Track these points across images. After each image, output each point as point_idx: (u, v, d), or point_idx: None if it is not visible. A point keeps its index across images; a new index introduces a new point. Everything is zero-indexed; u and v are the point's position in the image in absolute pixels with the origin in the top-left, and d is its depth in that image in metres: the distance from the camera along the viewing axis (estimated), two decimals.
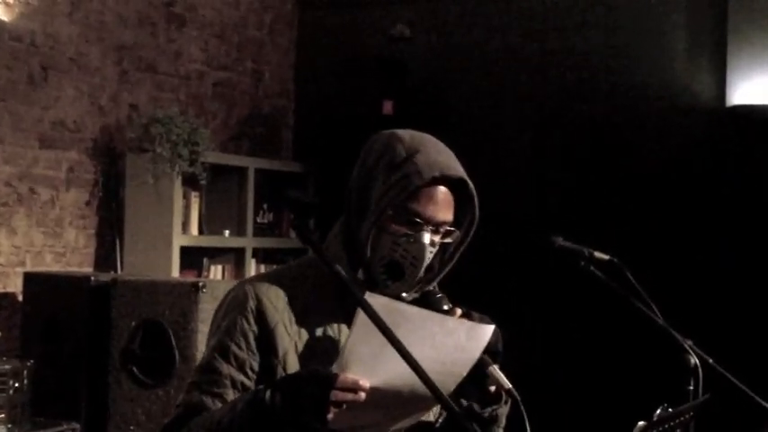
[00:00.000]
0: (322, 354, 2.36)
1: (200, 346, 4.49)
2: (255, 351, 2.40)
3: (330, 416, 2.18)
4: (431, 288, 2.50)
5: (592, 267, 3.48)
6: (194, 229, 5.86)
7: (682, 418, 2.62)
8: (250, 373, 2.40)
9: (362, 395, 2.18)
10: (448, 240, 2.47)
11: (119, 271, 5.66)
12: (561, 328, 6.03)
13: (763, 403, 3.37)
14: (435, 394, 2.04)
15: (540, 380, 5.23)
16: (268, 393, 2.23)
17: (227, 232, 6.10)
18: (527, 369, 2.47)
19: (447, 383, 2.28)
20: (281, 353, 2.39)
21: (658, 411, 2.49)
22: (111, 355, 4.71)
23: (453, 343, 2.26)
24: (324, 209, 6.93)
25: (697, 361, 3.36)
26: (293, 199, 6.66)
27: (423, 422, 2.45)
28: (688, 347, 3.38)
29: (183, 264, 5.69)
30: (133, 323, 4.66)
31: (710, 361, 3.41)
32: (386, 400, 2.24)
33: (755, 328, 5.58)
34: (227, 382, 2.39)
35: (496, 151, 6.25)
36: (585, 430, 5.68)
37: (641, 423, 2.42)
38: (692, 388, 3.33)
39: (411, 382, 2.10)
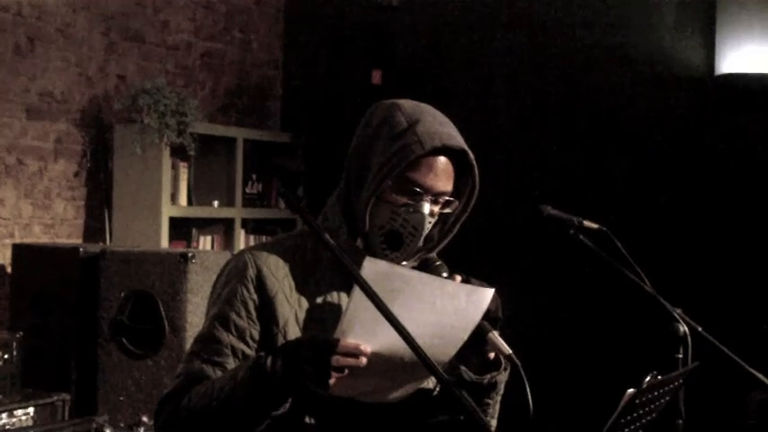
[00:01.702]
0: (323, 321, 2.37)
1: (190, 317, 4.50)
2: (256, 320, 2.41)
3: (332, 381, 2.19)
4: (430, 256, 2.50)
5: (581, 236, 3.48)
6: (183, 200, 5.86)
7: (670, 386, 2.63)
8: (250, 341, 2.40)
9: (364, 360, 2.19)
10: (447, 211, 2.47)
11: (107, 242, 5.65)
12: (551, 296, 6.04)
13: (751, 370, 3.38)
14: (425, 362, 2.04)
15: (527, 349, 5.24)
16: (269, 360, 2.24)
17: (215, 203, 6.10)
18: (516, 338, 2.47)
19: (448, 348, 2.29)
20: (281, 322, 2.40)
21: (647, 379, 2.49)
22: (100, 326, 4.71)
23: (454, 306, 2.27)
24: (312, 178, 6.96)
25: (686, 329, 3.37)
26: (280, 167, 6.70)
27: (421, 390, 2.46)
28: (677, 316, 3.39)
29: (172, 234, 5.68)
30: (122, 294, 4.66)
31: (699, 329, 3.42)
32: (387, 366, 2.25)
33: (744, 296, 5.60)
34: (228, 351, 2.40)
35: (485, 120, 6.24)
36: (576, 397, 5.70)
37: (631, 390, 2.43)
38: (681, 356, 3.35)
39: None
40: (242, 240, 6.20)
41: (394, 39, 6.51)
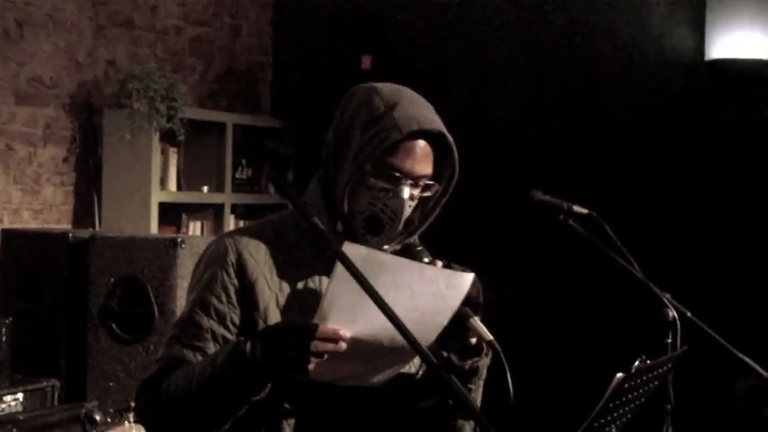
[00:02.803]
0: (303, 307, 2.36)
1: (180, 302, 4.49)
2: (236, 305, 2.40)
3: (311, 366, 2.18)
4: (411, 241, 2.50)
5: (571, 221, 3.49)
6: (173, 185, 5.85)
7: (659, 370, 2.64)
8: (231, 326, 2.40)
9: (343, 345, 2.19)
10: (427, 194, 2.47)
11: (97, 227, 5.64)
12: (540, 281, 6.04)
13: (740, 356, 3.39)
14: (413, 345, 2.04)
15: (519, 333, 5.25)
16: (248, 345, 2.23)
17: (205, 188, 6.09)
18: (506, 323, 2.48)
19: (427, 333, 2.29)
20: (261, 306, 2.39)
21: (636, 363, 2.50)
22: (89, 312, 4.69)
23: (432, 291, 2.26)
24: (301, 163, 6.94)
25: (675, 314, 3.38)
26: (270, 150, 6.68)
27: (404, 374, 2.46)
28: (666, 301, 3.40)
29: (162, 220, 5.67)
30: (112, 279, 4.65)
31: (689, 314, 3.43)
32: (367, 351, 2.25)
33: (733, 281, 5.61)
34: (208, 336, 2.39)
35: (476, 106, 6.24)
36: (565, 382, 5.71)
37: (620, 375, 2.43)
38: (670, 341, 3.36)
39: (391, 333, 2.10)
40: (231, 225, 6.19)
41: (384, 24, 6.50)
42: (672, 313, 3.37)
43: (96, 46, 5.77)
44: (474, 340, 2.37)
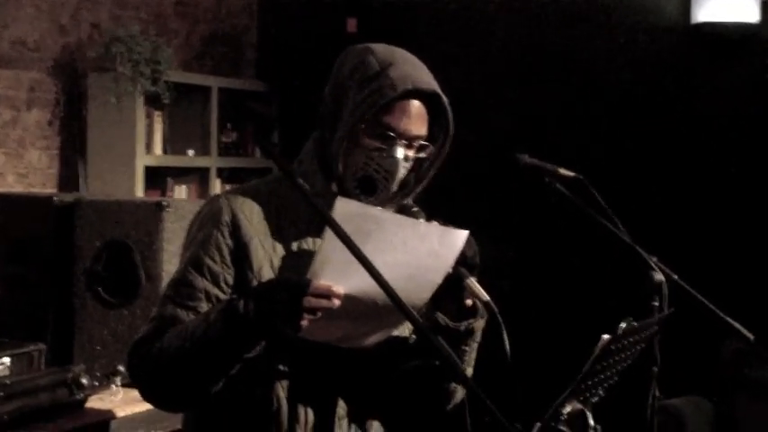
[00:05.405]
0: (298, 267, 2.34)
1: (166, 266, 4.48)
2: (230, 265, 2.40)
3: (304, 323, 2.18)
4: (406, 203, 2.50)
5: (557, 184, 3.48)
6: (158, 149, 5.83)
7: (646, 332, 2.64)
8: (224, 286, 2.40)
9: (336, 302, 2.18)
10: (422, 155, 2.47)
11: (82, 191, 5.62)
12: (527, 245, 6.05)
13: (727, 319, 3.40)
14: (400, 307, 2.03)
15: (504, 297, 5.26)
16: (241, 302, 2.23)
17: (191, 152, 6.07)
18: (493, 286, 2.47)
19: (421, 291, 2.28)
20: (256, 267, 2.39)
21: (623, 325, 2.50)
22: (75, 276, 4.68)
23: (426, 248, 2.26)
24: (287, 126, 6.90)
25: (662, 277, 3.38)
26: (252, 110, 6.65)
27: (397, 337, 2.46)
28: (653, 264, 3.40)
29: (147, 183, 5.66)
30: (98, 243, 4.63)
31: (675, 277, 3.43)
32: (360, 309, 2.24)
33: (720, 244, 5.62)
34: (202, 296, 2.39)
35: (462, 70, 6.22)
36: (552, 344, 5.73)
37: (606, 336, 2.44)
38: (656, 304, 3.36)
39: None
40: (217, 189, 6.18)
41: None
42: (658, 276, 3.37)
43: (80, 8, 5.73)
44: (470, 301, 2.37)
